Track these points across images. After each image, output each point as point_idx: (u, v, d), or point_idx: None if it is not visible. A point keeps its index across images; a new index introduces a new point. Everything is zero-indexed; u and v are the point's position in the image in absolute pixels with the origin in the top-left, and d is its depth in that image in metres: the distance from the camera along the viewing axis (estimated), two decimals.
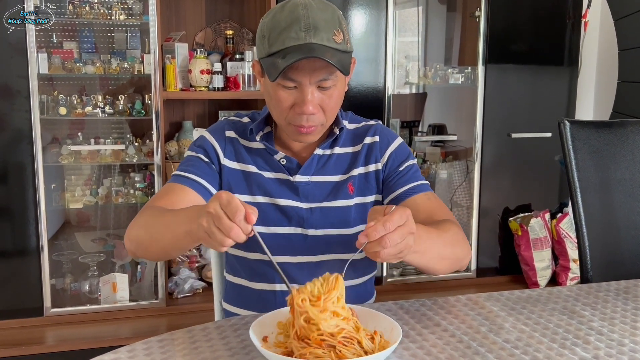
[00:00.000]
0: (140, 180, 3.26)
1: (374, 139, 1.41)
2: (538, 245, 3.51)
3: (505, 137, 3.53)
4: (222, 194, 0.98)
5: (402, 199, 1.37)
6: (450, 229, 1.25)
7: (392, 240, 0.99)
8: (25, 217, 2.98)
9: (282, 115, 1.28)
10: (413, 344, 1.07)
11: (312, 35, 1.19)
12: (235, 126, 1.41)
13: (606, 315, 1.21)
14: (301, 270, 1.37)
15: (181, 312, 3.16)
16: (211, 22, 3.55)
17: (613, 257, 1.66)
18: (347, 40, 1.25)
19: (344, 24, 1.26)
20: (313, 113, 1.25)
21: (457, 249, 1.26)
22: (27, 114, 2.91)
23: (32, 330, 2.97)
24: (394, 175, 1.40)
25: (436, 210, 1.35)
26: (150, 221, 1.21)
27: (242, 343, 1.08)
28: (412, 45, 3.98)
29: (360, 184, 1.39)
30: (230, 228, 0.96)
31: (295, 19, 1.20)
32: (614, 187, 1.67)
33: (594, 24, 3.78)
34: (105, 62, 3.13)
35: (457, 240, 1.26)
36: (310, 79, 1.22)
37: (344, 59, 1.23)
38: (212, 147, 1.38)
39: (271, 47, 1.22)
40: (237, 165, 1.38)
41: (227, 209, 0.96)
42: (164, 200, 1.28)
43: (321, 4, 1.24)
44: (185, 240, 1.11)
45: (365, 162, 1.40)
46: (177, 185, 1.32)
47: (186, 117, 3.57)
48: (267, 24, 1.24)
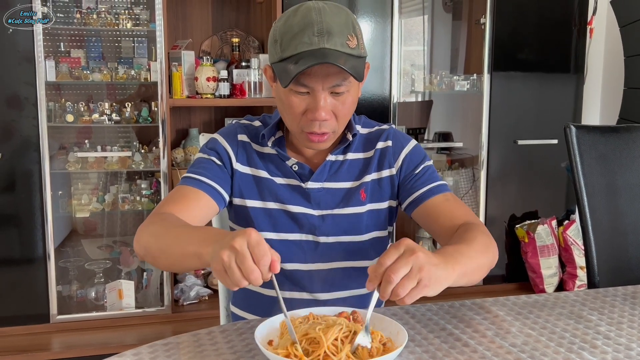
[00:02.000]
0: (146, 187, 3.27)
1: (386, 143, 1.39)
2: (545, 253, 3.49)
3: (512, 144, 3.53)
4: (252, 232, 0.94)
5: (420, 201, 1.34)
6: (477, 237, 1.19)
7: (396, 272, 0.93)
8: (32, 224, 2.99)
9: (294, 121, 1.26)
10: (419, 347, 1.07)
11: (325, 40, 1.16)
12: (248, 130, 1.39)
13: (613, 319, 1.21)
14: (311, 278, 1.36)
15: (187, 319, 3.16)
16: (217, 30, 3.57)
17: (620, 262, 1.65)
18: (361, 45, 1.22)
19: (357, 28, 1.23)
20: (326, 119, 1.23)
21: (489, 255, 1.20)
22: (34, 121, 2.93)
23: (38, 337, 2.98)
24: (410, 179, 1.36)
25: (457, 211, 1.31)
26: (161, 231, 1.17)
27: (248, 347, 1.07)
28: (418, 53, 3.99)
29: (373, 190, 1.37)
30: (252, 271, 0.92)
31: (308, 23, 1.17)
32: (621, 192, 1.67)
33: (600, 31, 3.78)
34: (113, 70, 3.15)
35: (486, 246, 1.20)
36: (323, 84, 1.20)
37: (358, 65, 1.20)
38: (224, 151, 1.35)
39: (284, 52, 1.19)
40: (249, 170, 1.36)
41: (254, 250, 0.92)
42: (177, 206, 1.25)
43: (335, 8, 1.21)
44: (193, 261, 1.07)
45: (379, 168, 1.38)
46: (189, 188, 1.29)
47: (192, 124, 3.59)
48: (280, 29, 1.21)
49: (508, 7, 3.41)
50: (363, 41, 1.25)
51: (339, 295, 1.37)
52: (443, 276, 1.00)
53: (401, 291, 0.94)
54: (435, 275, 0.98)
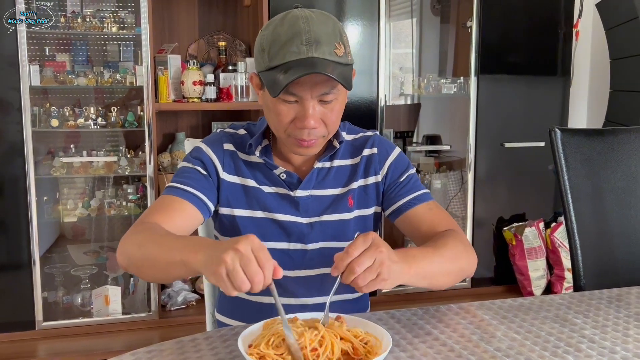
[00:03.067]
0: (133, 192, 3.24)
1: (372, 150, 1.39)
2: (532, 255, 3.50)
3: (499, 147, 3.54)
4: (254, 237, 0.95)
5: (403, 210, 1.36)
6: (448, 243, 1.23)
7: (360, 264, 1.00)
8: (17, 230, 2.96)
9: (282, 129, 1.26)
10: (404, 353, 1.06)
11: (313, 50, 1.16)
12: (233, 139, 1.38)
13: (598, 323, 1.21)
14: (299, 284, 1.36)
15: (174, 325, 3.15)
16: (204, 34, 3.56)
17: (606, 265, 1.65)
18: (348, 53, 1.23)
19: (344, 36, 1.23)
20: (315, 127, 1.23)
21: (460, 262, 1.24)
22: (19, 126, 2.90)
23: (24, 344, 2.95)
24: (394, 187, 1.38)
25: (439, 220, 1.33)
26: (145, 241, 1.16)
27: (231, 354, 1.06)
28: (407, 56, 4.00)
29: (360, 197, 1.38)
30: (256, 274, 0.92)
31: (296, 32, 1.17)
32: (606, 195, 1.67)
33: (586, 34, 3.80)
34: (98, 74, 3.13)
35: (459, 253, 1.24)
36: (311, 93, 1.20)
37: (346, 72, 1.20)
38: (210, 160, 1.34)
39: (271, 61, 1.19)
40: (236, 179, 1.35)
41: (259, 253, 0.94)
42: (160, 216, 1.24)
43: (322, 16, 1.22)
44: (179, 269, 1.06)
45: (365, 175, 1.38)
46: (174, 198, 1.28)
47: (179, 128, 3.57)
48: (267, 37, 1.21)
49: (494, 10, 3.42)
50: (350, 48, 1.25)
51: (324, 300, 1.36)
52: (399, 272, 1.06)
53: (361, 282, 1.01)
54: (394, 271, 1.04)
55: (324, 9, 1.32)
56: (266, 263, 0.94)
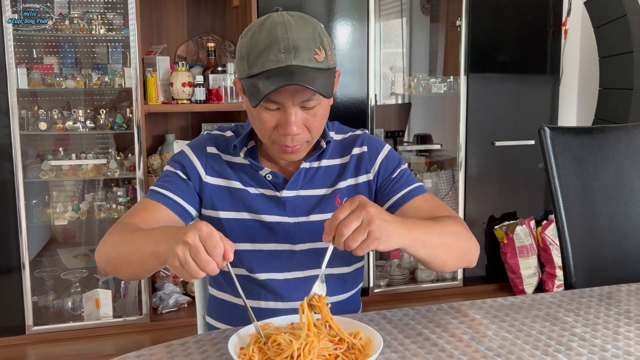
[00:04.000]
0: (122, 195, 3.23)
1: (362, 149, 1.38)
2: (524, 253, 3.51)
3: (489, 146, 3.54)
4: (202, 225, 0.96)
5: (399, 204, 1.34)
6: (448, 222, 1.22)
7: (347, 225, 0.99)
8: (6, 235, 2.94)
9: (265, 135, 1.25)
10: (395, 353, 1.06)
11: (292, 57, 1.14)
12: (217, 141, 1.37)
13: (589, 321, 1.21)
14: (288, 286, 1.35)
15: (166, 328, 3.13)
16: (193, 35, 3.54)
17: (596, 263, 1.65)
18: (329, 57, 1.21)
19: (325, 40, 1.21)
20: (298, 133, 1.22)
21: (461, 241, 1.22)
22: (6, 129, 2.88)
23: (14, 349, 2.93)
24: (387, 183, 1.36)
25: (437, 210, 1.32)
26: (118, 240, 1.18)
27: (222, 357, 1.06)
28: (397, 56, 4.00)
29: (349, 196, 1.36)
30: (207, 262, 0.95)
31: (274, 40, 1.15)
32: (596, 193, 1.67)
33: (575, 32, 3.82)
34: (86, 77, 3.11)
35: (459, 232, 1.22)
36: (292, 100, 1.19)
37: (326, 78, 1.19)
38: (191, 164, 1.34)
39: (251, 69, 1.18)
40: (221, 182, 1.34)
41: (206, 242, 0.95)
42: (137, 217, 1.25)
43: (300, 20, 1.19)
44: (152, 262, 1.09)
45: (355, 174, 1.37)
46: (151, 202, 1.29)
47: (169, 130, 3.56)
48: (246, 45, 1.19)
49: (483, 9, 3.43)
50: (332, 51, 1.23)
51: None
52: (395, 233, 1.05)
53: (352, 243, 1.01)
54: (386, 230, 1.02)
55: (313, 9, 1.31)
56: (214, 250, 0.95)
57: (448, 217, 1.26)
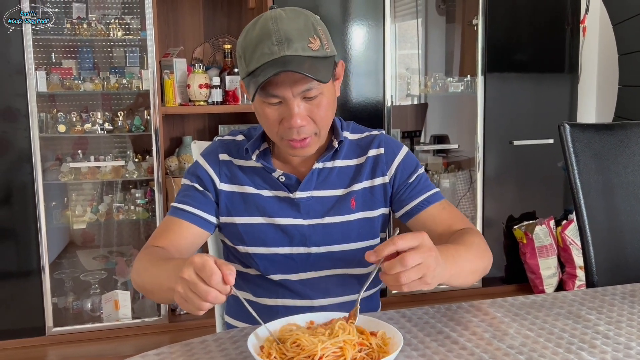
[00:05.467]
0: (140, 197, 3.25)
1: (378, 151, 1.36)
2: (544, 253, 3.48)
3: (507, 145, 3.52)
4: (194, 258, 0.96)
5: (415, 212, 1.33)
6: (473, 242, 1.23)
7: (412, 258, 0.97)
8: (26, 237, 2.97)
9: (272, 131, 1.25)
10: (415, 351, 1.05)
11: (285, 48, 1.14)
12: (229, 147, 1.37)
13: (612, 319, 1.19)
14: (305, 286, 1.35)
15: (184, 329, 3.14)
16: (209, 37, 3.56)
17: (618, 261, 1.63)
18: (325, 45, 1.20)
19: (319, 29, 1.20)
20: (302, 125, 1.21)
21: (485, 260, 1.25)
22: (26, 132, 2.91)
23: (34, 350, 2.95)
24: (404, 188, 1.35)
25: (453, 219, 1.32)
26: (143, 269, 1.21)
27: (242, 355, 1.05)
28: (413, 57, 3.98)
29: (365, 198, 1.34)
30: (207, 293, 0.95)
31: (266, 34, 1.16)
32: (617, 190, 1.65)
33: (593, 29, 3.78)
34: (104, 79, 3.13)
35: (483, 251, 1.25)
36: (292, 91, 1.18)
37: (323, 66, 1.19)
38: (206, 174, 1.34)
39: (248, 66, 1.18)
40: (234, 188, 1.34)
41: (201, 273, 0.95)
42: (162, 239, 1.28)
43: (292, 13, 1.19)
44: (169, 295, 1.08)
45: (371, 176, 1.35)
46: (174, 219, 1.31)
47: (186, 132, 3.57)
48: (242, 44, 1.21)
49: (500, 8, 3.41)
50: (328, 40, 1.23)
51: (336, 301, 1.35)
52: (440, 277, 1.04)
53: (404, 278, 0.97)
54: (437, 277, 1.02)
55: (329, 11, 1.31)
56: (211, 279, 0.95)
57: (468, 232, 1.26)
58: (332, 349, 0.96)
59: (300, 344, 0.97)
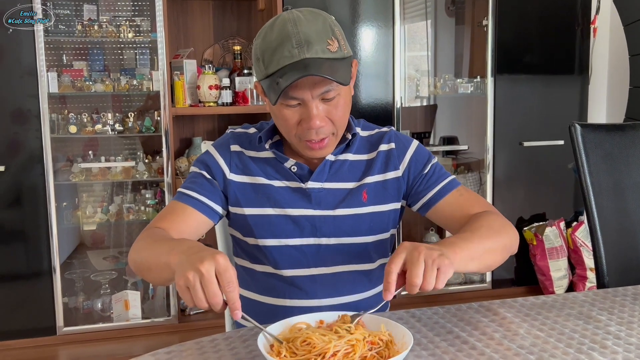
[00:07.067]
0: (151, 197, 3.26)
1: (389, 146, 1.37)
2: (554, 255, 3.46)
3: (517, 146, 3.50)
4: (219, 257, 0.96)
5: (433, 202, 1.34)
6: (483, 223, 1.21)
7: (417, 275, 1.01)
8: (37, 237, 2.99)
9: (291, 132, 1.26)
10: (425, 351, 1.05)
11: (305, 51, 1.16)
12: (241, 139, 1.38)
13: (623, 319, 1.18)
14: (314, 283, 1.35)
15: (194, 329, 3.15)
16: (219, 39, 3.57)
17: (629, 262, 1.62)
18: (342, 46, 1.22)
19: (337, 30, 1.22)
20: (321, 126, 1.22)
21: (502, 238, 1.22)
22: (37, 133, 2.93)
23: (45, 350, 2.97)
24: (420, 180, 1.35)
25: (472, 204, 1.31)
26: (143, 246, 1.20)
27: (251, 353, 1.06)
28: (422, 59, 3.98)
29: (376, 192, 1.35)
30: (214, 294, 0.94)
31: (285, 36, 1.17)
32: (628, 191, 1.64)
33: (604, 30, 3.76)
34: (115, 80, 3.15)
35: (497, 229, 1.22)
36: (312, 93, 1.19)
37: (342, 67, 1.20)
38: (216, 164, 1.35)
39: (267, 68, 1.19)
40: (245, 179, 1.35)
41: (221, 276, 0.95)
42: (165, 221, 1.27)
43: (310, 14, 1.21)
44: (165, 272, 1.08)
45: (384, 170, 1.36)
46: (179, 204, 1.31)
47: (196, 133, 3.58)
48: (260, 46, 1.21)
49: (510, 8, 3.39)
50: (345, 41, 1.24)
51: (343, 301, 1.35)
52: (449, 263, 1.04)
53: (428, 286, 1.02)
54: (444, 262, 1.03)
55: (338, 13, 1.32)
56: (228, 285, 0.94)
57: (481, 215, 1.26)
58: (344, 346, 0.96)
59: (311, 342, 0.97)
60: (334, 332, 1.01)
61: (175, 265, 1.01)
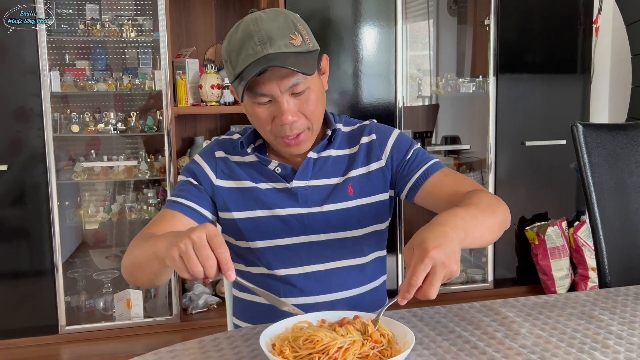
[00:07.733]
0: (153, 196, 3.26)
1: (370, 137, 1.39)
2: (556, 254, 3.46)
3: (519, 146, 3.50)
4: (209, 225, 0.99)
5: (419, 184, 1.33)
6: (482, 199, 1.18)
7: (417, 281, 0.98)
8: (40, 236, 3.00)
9: (266, 130, 1.27)
10: (427, 350, 1.05)
11: (268, 47, 1.17)
12: (224, 145, 1.40)
13: (625, 319, 1.18)
14: (308, 280, 1.35)
15: (196, 328, 3.15)
16: (221, 38, 3.57)
17: (631, 261, 1.62)
18: (307, 41, 1.23)
19: (300, 25, 1.24)
20: (294, 121, 1.23)
21: (498, 214, 1.18)
22: (40, 132, 2.94)
23: (47, 348, 2.98)
24: (403, 166, 1.36)
25: (458, 184, 1.30)
26: (133, 249, 1.22)
27: (253, 352, 1.06)
28: (424, 58, 3.98)
29: (362, 185, 1.36)
30: (207, 258, 0.97)
31: (248, 35, 1.19)
32: (630, 190, 1.64)
33: (606, 30, 3.75)
34: (117, 79, 3.15)
35: (494, 205, 1.19)
36: (280, 88, 1.21)
37: (307, 59, 1.21)
38: (202, 171, 1.37)
39: (235, 69, 1.21)
40: (232, 184, 1.36)
41: (212, 240, 0.98)
42: (155, 227, 1.29)
43: (272, 13, 1.23)
44: (154, 264, 1.10)
45: (367, 162, 1.37)
46: (169, 211, 1.33)
47: (198, 132, 3.59)
48: (226, 48, 1.23)
49: (512, 8, 3.39)
50: (310, 35, 1.26)
51: (338, 297, 1.36)
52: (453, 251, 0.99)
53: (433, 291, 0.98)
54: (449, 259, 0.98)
55: (340, 13, 1.32)
56: (219, 248, 0.97)
57: (473, 193, 1.22)
58: (347, 341, 0.96)
59: (315, 338, 0.97)
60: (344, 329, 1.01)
61: (163, 249, 1.03)
